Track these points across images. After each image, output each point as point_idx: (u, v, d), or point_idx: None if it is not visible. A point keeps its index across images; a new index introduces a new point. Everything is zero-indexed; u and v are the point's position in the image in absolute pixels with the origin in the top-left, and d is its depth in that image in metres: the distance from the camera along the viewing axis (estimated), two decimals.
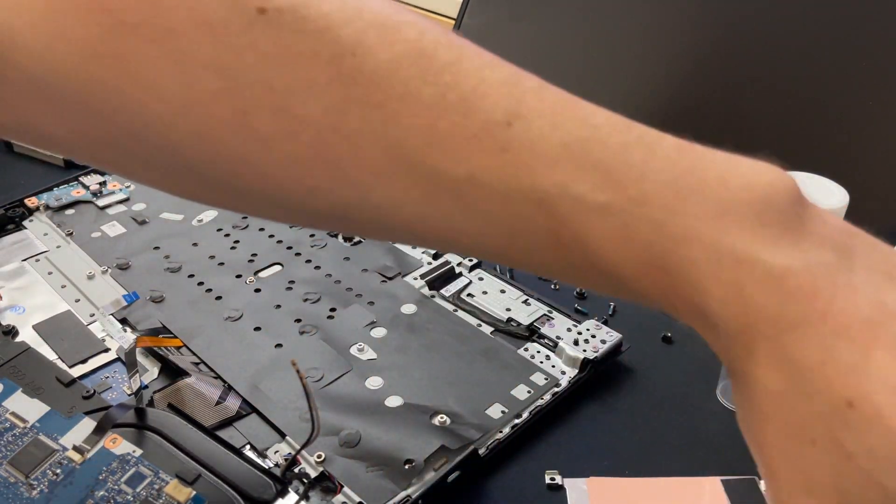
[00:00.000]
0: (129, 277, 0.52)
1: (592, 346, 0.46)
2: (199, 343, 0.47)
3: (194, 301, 0.50)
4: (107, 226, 0.57)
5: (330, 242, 0.57)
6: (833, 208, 0.38)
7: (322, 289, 0.52)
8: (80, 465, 0.38)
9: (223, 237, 0.57)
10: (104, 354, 0.46)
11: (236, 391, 0.43)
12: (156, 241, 0.56)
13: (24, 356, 0.44)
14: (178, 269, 0.53)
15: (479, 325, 0.49)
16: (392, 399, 0.44)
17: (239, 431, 0.41)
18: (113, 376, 0.44)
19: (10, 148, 0.67)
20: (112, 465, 0.38)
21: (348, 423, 0.42)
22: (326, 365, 0.46)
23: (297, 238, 0.57)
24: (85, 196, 0.60)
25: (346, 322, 0.49)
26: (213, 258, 0.55)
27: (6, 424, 0.40)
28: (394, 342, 0.48)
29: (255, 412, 0.42)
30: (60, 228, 0.57)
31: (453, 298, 0.51)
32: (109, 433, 0.39)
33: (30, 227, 0.57)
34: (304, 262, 0.55)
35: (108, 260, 0.54)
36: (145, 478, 0.37)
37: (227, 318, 0.49)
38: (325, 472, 0.39)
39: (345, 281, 0.53)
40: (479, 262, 0.55)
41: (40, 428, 0.40)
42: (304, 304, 0.51)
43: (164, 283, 0.52)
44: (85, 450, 0.38)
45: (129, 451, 0.38)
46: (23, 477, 0.37)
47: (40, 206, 0.58)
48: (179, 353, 0.46)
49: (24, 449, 0.38)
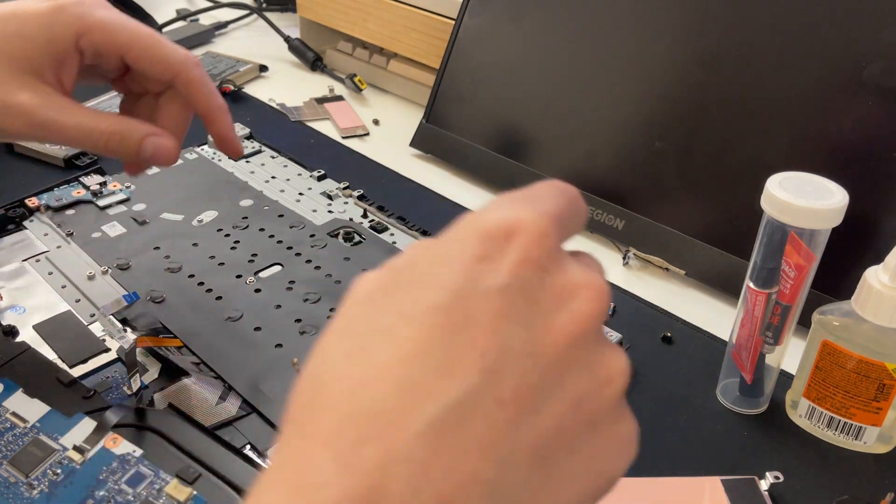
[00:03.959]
0: (129, 277, 0.52)
1: None
2: (199, 343, 0.47)
3: (194, 301, 0.50)
4: (107, 226, 0.57)
5: (330, 242, 0.57)
6: (833, 208, 0.38)
7: (322, 289, 0.52)
8: (81, 465, 0.38)
9: (223, 237, 0.57)
10: (104, 354, 0.46)
11: (236, 391, 0.43)
12: (156, 241, 0.56)
13: (25, 356, 0.44)
14: (179, 270, 0.53)
15: None
16: None
17: (239, 431, 0.41)
18: (113, 376, 0.44)
19: (10, 148, 0.67)
20: (112, 465, 0.38)
21: None
22: None
23: (297, 238, 0.57)
24: (85, 196, 0.60)
25: None
26: (214, 258, 0.55)
27: (6, 424, 0.40)
28: None
29: (255, 412, 0.43)
30: (61, 228, 0.57)
31: None
32: (109, 433, 0.39)
33: (30, 227, 0.57)
34: (304, 262, 0.55)
35: (108, 260, 0.54)
36: (145, 478, 0.37)
37: (228, 319, 0.49)
38: None
39: (345, 281, 0.53)
40: None
41: (41, 428, 0.40)
42: (305, 304, 0.51)
43: (165, 283, 0.52)
44: (85, 450, 0.38)
45: (130, 451, 0.38)
46: (23, 477, 0.37)
47: (40, 207, 0.58)
48: (179, 353, 0.46)
49: (25, 449, 0.38)
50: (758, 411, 0.45)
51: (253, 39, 0.97)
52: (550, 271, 0.22)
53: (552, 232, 0.22)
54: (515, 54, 0.66)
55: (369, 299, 0.22)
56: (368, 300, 0.22)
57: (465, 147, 0.69)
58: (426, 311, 0.20)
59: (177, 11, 0.98)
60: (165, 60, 0.42)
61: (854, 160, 0.50)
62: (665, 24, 0.58)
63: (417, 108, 0.79)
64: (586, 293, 0.22)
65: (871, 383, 0.41)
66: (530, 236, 0.21)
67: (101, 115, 0.41)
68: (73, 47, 0.41)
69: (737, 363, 0.45)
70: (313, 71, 0.89)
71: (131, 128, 0.41)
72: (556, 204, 0.23)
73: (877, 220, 0.49)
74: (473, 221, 0.22)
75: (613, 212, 0.60)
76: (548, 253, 0.22)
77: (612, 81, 0.61)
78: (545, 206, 0.23)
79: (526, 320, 0.21)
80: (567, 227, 0.24)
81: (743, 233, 0.53)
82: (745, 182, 0.54)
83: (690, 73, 0.57)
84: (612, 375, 0.22)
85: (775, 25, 0.53)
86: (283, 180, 0.65)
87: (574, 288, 0.22)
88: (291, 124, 0.77)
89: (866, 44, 0.50)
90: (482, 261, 0.21)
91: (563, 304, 0.22)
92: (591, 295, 0.22)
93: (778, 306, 0.41)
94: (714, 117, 0.56)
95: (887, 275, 0.39)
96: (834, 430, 0.43)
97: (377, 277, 0.23)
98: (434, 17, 0.75)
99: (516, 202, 0.23)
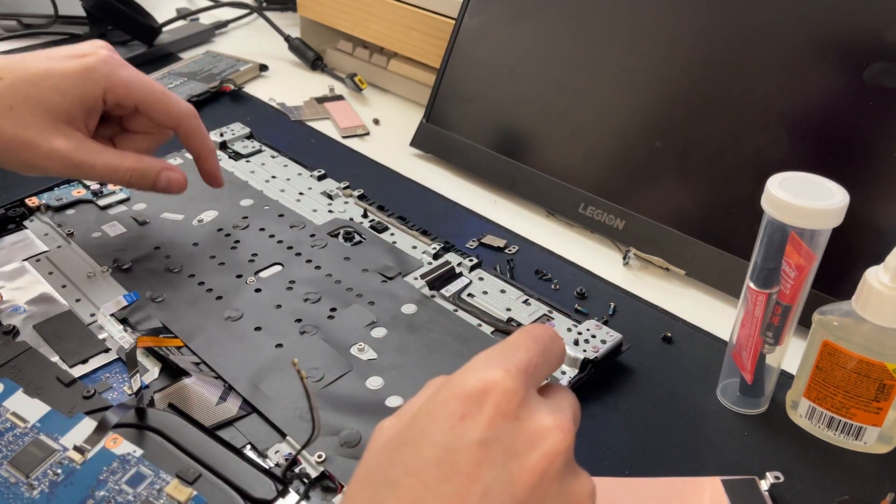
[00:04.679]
0: (129, 277, 0.52)
1: (592, 347, 0.46)
2: (199, 343, 0.47)
3: (194, 301, 0.50)
4: (107, 226, 0.57)
5: (330, 242, 0.57)
6: (833, 208, 0.38)
7: (322, 289, 0.52)
8: (81, 465, 0.38)
9: (223, 237, 0.57)
10: (104, 354, 0.46)
11: (236, 391, 0.43)
12: (156, 241, 0.56)
13: (25, 356, 0.44)
14: (179, 270, 0.53)
15: (479, 325, 0.49)
16: (392, 399, 0.44)
17: (239, 431, 0.41)
18: (113, 376, 0.44)
19: None
20: (112, 465, 0.38)
21: (349, 423, 0.42)
22: (327, 365, 0.46)
23: (298, 238, 0.57)
24: (85, 196, 0.60)
25: (346, 322, 0.49)
26: (214, 258, 0.55)
27: (7, 424, 0.40)
28: (394, 342, 0.48)
29: (255, 412, 0.42)
30: (61, 228, 0.57)
31: (453, 298, 0.51)
32: (110, 433, 0.39)
33: (30, 227, 0.57)
34: (305, 262, 0.55)
35: (108, 260, 0.54)
36: (146, 478, 0.37)
37: (228, 318, 0.49)
38: (325, 472, 0.39)
39: (345, 281, 0.53)
40: (479, 263, 0.55)
41: (41, 428, 0.40)
42: (305, 304, 0.51)
43: (165, 283, 0.52)
44: (85, 450, 0.38)
45: (130, 451, 0.38)
46: (23, 477, 0.37)
47: (41, 206, 0.58)
48: (180, 353, 0.46)
49: (25, 449, 0.38)
50: (758, 411, 0.45)
51: (253, 39, 0.97)
52: (521, 418, 0.27)
53: (521, 386, 0.28)
54: (515, 54, 0.66)
55: (385, 450, 0.28)
56: (384, 451, 0.28)
57: (465, 147, 0.69)
58: (423, 465, 0.26)
59: (177, 10, 0.98)
60: (172, 113, 0.51)
61: (854, 160, 0.50)
62: (665, 24, 0.58)
63: (417, 107, 0.79)
64: (555, 434, 0.27)
65: (872, 383, 0.41)
66: (502, 394, 0.27)
67: (123, 155, 0.50)
68: (101, 100, 0.50)
69: (737, 363, 0.45)
70: (313, 70, 0.89)
71: (148, 165, 0.51)
72: (528, 356, 0.29)
73: (877, 220, 0.49)
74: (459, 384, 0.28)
75: (613, 212, 0.60)
76: (517, 404, 0.27)
77: (612, 81, 0.61)
78: (516, 360, 0.29)
79: (503, 464, 0.26)
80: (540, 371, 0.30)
81: (743, 233, 0.53)
82: (746, 182, 0.54)
83: (690, 72, 0.57)
84: (583, 499, 0.28)
85: (776, 25, 0.53)
86: (283, 180, 0.65)
87: (544, 431, 0.27)
88: (291, 124, 0.77)
89: (866, 44, 0.50)
90: (464, 419, 0.27)
91: (534, 446, 0.27)
92: (558, 435, 0.27)
93: (778, 306, 0.41)
94: (714, 117, 0.56)
95: (887, 275, 0.39)
96: (834, 431, 0.43)
97: (390, 427, 0.29)
98: (434, 17, 0.75)
99: (490, 360, 0.29)
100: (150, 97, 0.51)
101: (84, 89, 0.48)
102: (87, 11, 0.88)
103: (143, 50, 0.88)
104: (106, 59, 0.49)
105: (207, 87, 0.80)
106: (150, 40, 0.89)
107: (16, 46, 0.88)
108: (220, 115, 0.76)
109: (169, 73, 0.84)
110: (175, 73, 0.84)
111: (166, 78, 0.83)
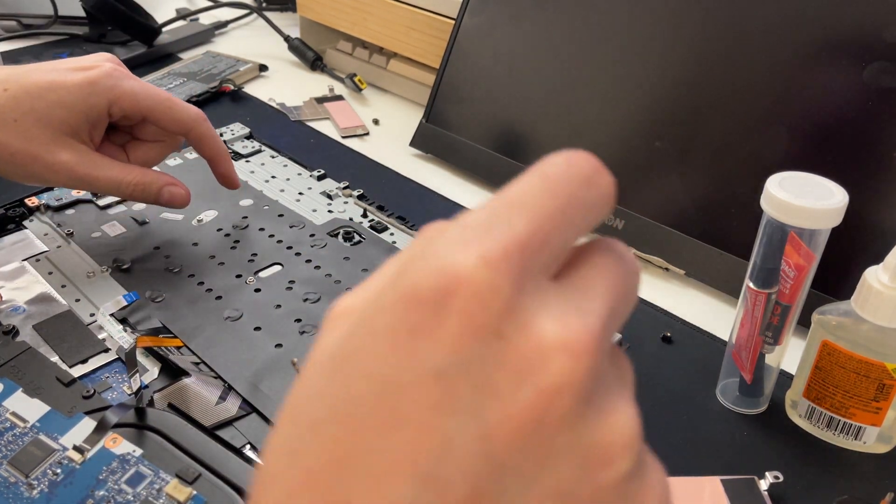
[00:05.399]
0: (129, 277, 0.52)
1: None
2: (199, 343, 0.47)
3: (194, 301, 0.50)
4: (107, 226, 0.57)
5: (330, 242, 0.57)
6: (832, 208, 0.38)
7: (322, 289, 0.52)
8: (81, 464, 0.38)
9: (223, 237, 0.57)
10: (104, 354, 0.46)
11: (236, 391, 0.43)
12: (156, 240, 0.56)
13: (24, 356, 0.44)
14: (178, 270, 0.53)
15: None
16: None
17: (239, 431, 0.41)
18: (113, 376, 0.44)
19: None
20: (112, 465, 0.38)
21: None
22: None
23: (297, 238, 0.57)
24: (85, 196, 0.60)
25: None
26: (213, 258, 0.55)
27: (6, 424, 0.40)
28: None
29: (254, 412, 0.43)
30: (60, 228, 0.57)
31: None
32: (109, 433, 0.39)
33: (30, 226, 0.57)
34: (304, 262, 0.55)
35: (108, 260, 0.54)
36: (145, 478, 0.37)
37: (228, 318, 0.49)
38: None
39: (345, 281, 0.53)
40: None
41: (40, 428, 0.40)
42: (304, 303, 0.51)
43: (164, 283, 0.52)
44: (85, 450, 0.38)
45: (130, 451, 0.38)
46: (23, 477, 0.37)
47: (40, 206, 0.58)
48: (179, 353, 0.46)
49: (25, 449, 0.38)
50: (758, 411, 0.45)
51: (253, 39, 0.97)
52: (506, 335, 0.16)
53: (506, 281, 0.16)
54: (515, 54, 0.66)
55: (323, 368, 0.18)
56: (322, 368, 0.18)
57: (464, 147, 0.69)
58: (353, 406, 0.16)
59: (177, 11, 0.98)
60: (180, 120, 0.52)
61: (854, 160, 0.50)
62: (665, 25, 0.58)
63: (417, 107, 0.79)
64: (561, 357, 0.16)
65: (871, 383, 0.41)
66: (472, 297, 0.16)
67: (126, 169, 0.50)
68: (106, 112, 0.50)
69: (737, 363, 0.45)
70: (313, 70, 0.89)
71: (152, 179, 0.51)
72: (529, 224, 0.17)
73: (877, 220, 0.49)
74: (412, 275, 0.17)
75: (613, 212, 0.60)
76: (498, 312, 0.16)
77: (611, 81, 0.61)
78: (505, 236, 0.17)
79: (473, 408, 0.16)
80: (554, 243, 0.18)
81: (742, 233, 0.53)
82: (745, 182, 0.54)
83: (690, 72, 0.57)
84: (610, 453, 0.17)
85: (775, 26, 0.53)
86: (282, 180, 0.65)
87: (544, 351, 0.16)
88: (291, 124, 0.77)
89: (866, 44, 0.50)
90: (414, 335, 0.16)
91: (526, 378, 0.16)
92: (566, 358, 0.16)
93: (778, 306, 0.41)
94: (714, 117, 0.56)
95: (887, 275, 0.39)
96: (834, 430, 0.43)
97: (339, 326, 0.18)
98: (434, 17, 0.75)
99: (466, 234, 0.17)
100: (157, 107, 0.51)
101: (88, 103, 0.49)
102: (87, 12, 0.88)
103: (143, 50, 0.88)
104: (110, 73, 0.49)
105: (207, 87, 0.80)
106: (149, 40, 0.89)
107: (16, 47, 0.88)
108: (220, 116, 0.76)
109: (169, 74, 0.84)
110: (175, 73, 0.84)
111: (166, 78, 0.83)
